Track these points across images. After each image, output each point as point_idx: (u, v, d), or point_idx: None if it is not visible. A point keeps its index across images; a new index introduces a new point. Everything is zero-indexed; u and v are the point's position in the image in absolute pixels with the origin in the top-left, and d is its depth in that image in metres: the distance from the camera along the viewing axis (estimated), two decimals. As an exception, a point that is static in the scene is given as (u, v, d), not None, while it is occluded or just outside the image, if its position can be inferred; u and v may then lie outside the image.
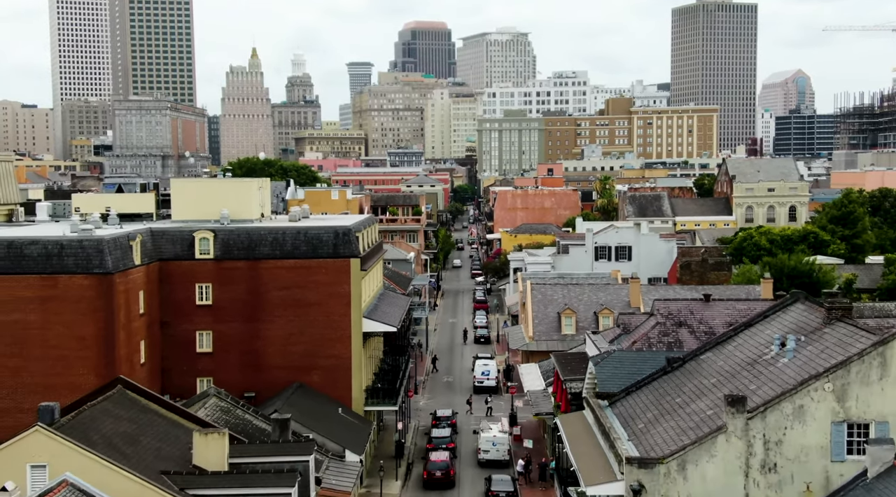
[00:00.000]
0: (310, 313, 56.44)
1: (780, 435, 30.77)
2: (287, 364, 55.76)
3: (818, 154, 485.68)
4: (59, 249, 48.87)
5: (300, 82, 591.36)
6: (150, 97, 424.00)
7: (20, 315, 48.23)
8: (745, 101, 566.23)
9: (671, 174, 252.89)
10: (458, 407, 74.32)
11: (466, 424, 70.51)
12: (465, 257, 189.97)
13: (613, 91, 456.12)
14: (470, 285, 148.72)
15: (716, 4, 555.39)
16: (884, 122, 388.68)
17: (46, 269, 48.66)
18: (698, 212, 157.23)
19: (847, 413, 30.72)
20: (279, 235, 57.00)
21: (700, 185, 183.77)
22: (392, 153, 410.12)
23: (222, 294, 56.06)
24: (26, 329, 48.27)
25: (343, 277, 56.94)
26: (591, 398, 41.18)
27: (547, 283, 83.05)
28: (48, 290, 48.67)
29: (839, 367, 30.83)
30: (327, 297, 56.69)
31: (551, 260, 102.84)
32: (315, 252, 56.96)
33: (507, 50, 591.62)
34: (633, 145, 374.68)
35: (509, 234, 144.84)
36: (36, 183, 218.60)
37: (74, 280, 48.66)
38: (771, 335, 37.45)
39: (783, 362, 34.06)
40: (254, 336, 56.05)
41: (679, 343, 46.53)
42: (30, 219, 65.92)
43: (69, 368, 48.24)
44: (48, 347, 48.30)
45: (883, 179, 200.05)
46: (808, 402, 30.80)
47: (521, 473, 57.04)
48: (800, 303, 39.69)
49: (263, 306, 56.27)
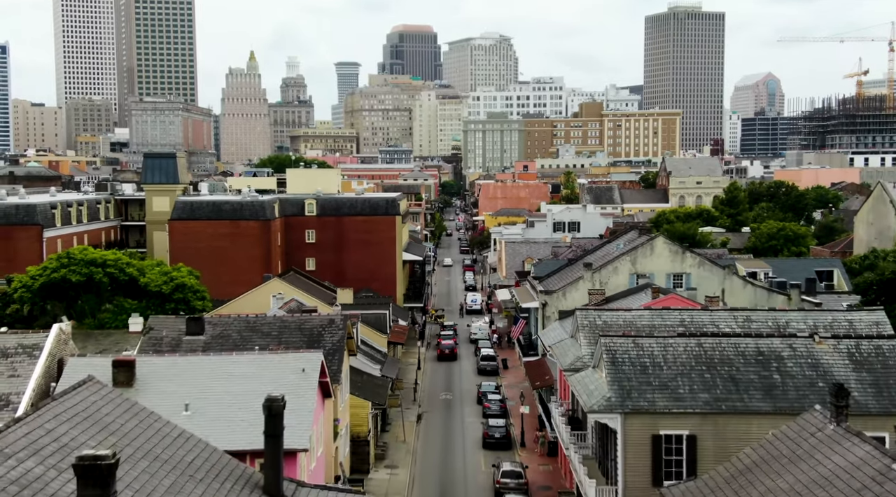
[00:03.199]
0: (372, 248, 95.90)
1: (607, 279, 70.16)
2: (359, 277, 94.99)
3: (780, 154, 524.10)
4: (241, 207, 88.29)
5: (294, 83, 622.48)
6: (163, 99, 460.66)
7: (220, 242, 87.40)
8: (713, 103, 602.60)
9: (634, 171, 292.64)
10: (453, 320, 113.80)
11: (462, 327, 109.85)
12: (454, 241, 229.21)
13: (588, 94, 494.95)
14: (460, 258, 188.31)
15: (686, 13, 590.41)
16: (831, 126, 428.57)
17: (233, 218, 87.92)
18: (642, 200, 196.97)
19: (636, 269, 70.21)
20: (354, 202, 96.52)
21: (645, 179, 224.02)
22: (383, 151, 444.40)
23: (321, 236, 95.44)
24: (224, 250, 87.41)
25: (391, 227, 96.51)
26: (531, 280, 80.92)
27: (516, 242, 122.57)
28: (234, 229, 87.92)
29: (633, 249, 70.51)
30: (382, 239, 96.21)
31: (521, 230, 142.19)
32: (374, 212, 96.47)
33: (490, 54, 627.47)
34: (604, 145, 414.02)
35: (491, 216, 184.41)
36: (77, 175, 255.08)
37: (249, 224, 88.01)
38: (620, 244, 77.16)
39: (617, 249, 73.87)
40: (339, 261, 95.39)
41: (580, 256, 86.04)
42: (196, 193, 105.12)
43: (245, 271, 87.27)
44: (236, 260, 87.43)
45: (816, 176, 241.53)
46: (620, 265, 70.35)
47: (495, 343, 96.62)
48: (660, 238, 78.94)
49: (344, 243, 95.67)
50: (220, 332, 49.39)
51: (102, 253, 59.28)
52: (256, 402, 27.58)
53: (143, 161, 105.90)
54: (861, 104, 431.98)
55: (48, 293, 57.39)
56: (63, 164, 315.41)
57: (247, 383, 36.76)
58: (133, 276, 58.73)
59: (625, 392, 38.08)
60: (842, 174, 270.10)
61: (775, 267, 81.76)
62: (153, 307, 57.73)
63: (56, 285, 56.90)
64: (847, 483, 23.39)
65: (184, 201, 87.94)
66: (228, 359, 39.31)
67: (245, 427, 33.11)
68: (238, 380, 37.13)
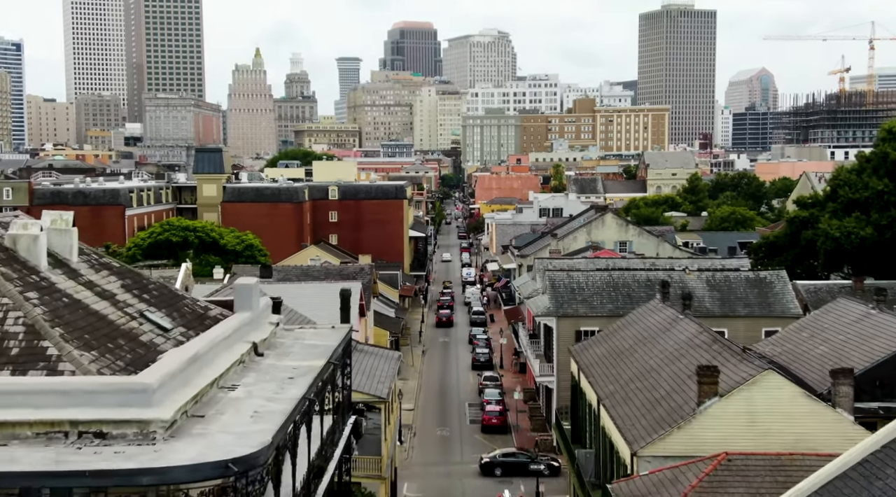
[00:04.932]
0: (383, 226, 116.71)
1: (569, 245, 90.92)
2: (373, 250, 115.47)
3: (769, 148, 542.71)
4: (278, 192, 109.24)
5: (298, 79, 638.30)
6: (175, 95, 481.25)
7: (262, 220, 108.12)
8: (704, 98, 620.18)
9: (623, 164, 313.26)
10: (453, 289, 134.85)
11: (460, 295, 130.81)
12: (453, 228, 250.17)
13: (582, 90, 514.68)
14: (458, 242, 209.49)
15: (679, 11, 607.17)
16: (814, 121, 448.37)
17: (272, 200, 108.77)
18: (622, 190, 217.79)
19: (590, 237, 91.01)
20: (368, 188, 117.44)
21: (628, 171, 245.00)
22: (385, 145, 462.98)
23: (342, 216, 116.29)
24: (265, 227, 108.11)
25: (399, 209, 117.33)
26: (512, 248, 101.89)
27: (505, 224, 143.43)
28: (273, 210, 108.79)
29: (589, 223, 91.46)
30: (392, 219, 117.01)
31: (511, 216, 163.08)
32: (385, 196, 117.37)
33: (488, 51, 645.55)
34: (597, 140, 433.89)
35: (486, 204, 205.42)
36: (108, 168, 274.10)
37: (285, 206, 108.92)
38: (581, 220, 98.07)
39: (578, 223, 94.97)
40: (357, 236, 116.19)
41: (552, 230, 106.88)
42: (237, 181, 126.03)
43: (283, 244, 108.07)
44: (274, 235, 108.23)
45: (793, 168, 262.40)
46: (578, 234, 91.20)
47: (485, 304, 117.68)
48: (609, 214, 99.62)
49: (361, 222, 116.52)
50: (283, 276, 70.20)
51: (192, 221, 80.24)
52: (326, 307, 48.65)
53: (195, 155, 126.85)
54: (843, 100, 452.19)
55: (153, 251, 77.90)
56: (88, 157, 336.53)
57: (314, 299, 57.52)
58: (215, 239, 79.39)
59: (559, 304, 59.08)
60: (817, 166, 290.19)
61: (706, 238, 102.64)
62: (230, 262, 78.18)
63: (160, 244, 77.52)
64: (677, 343, 44.38)
65: (233, 187, 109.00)
66: (299, 285, 60.21)
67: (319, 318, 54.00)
68: (307, 297, 57.89)
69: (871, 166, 77.65)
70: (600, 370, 43.18)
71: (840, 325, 43.88)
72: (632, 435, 33.82)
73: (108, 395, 15.18)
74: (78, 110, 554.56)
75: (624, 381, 39.84)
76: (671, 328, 43.08)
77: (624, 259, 69.21)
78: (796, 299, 58.75)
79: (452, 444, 62.30)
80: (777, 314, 57.07)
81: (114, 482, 13.80)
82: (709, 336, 39.22)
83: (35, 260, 19.62)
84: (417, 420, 67.23)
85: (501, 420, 64.02)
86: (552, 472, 54.11)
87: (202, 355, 17.95)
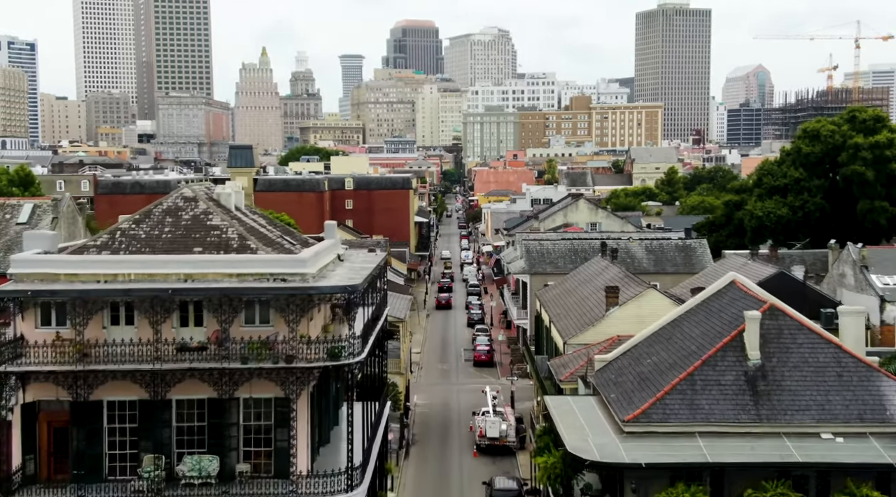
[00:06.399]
0: (392, 213, 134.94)
1: (548, 226, 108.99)
2: (384, 233, 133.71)
3: (761, 143, 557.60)
4: (303, 183, 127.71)
5: (303, 77, 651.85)
6: (186, 94, 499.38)
7: (288, 207, 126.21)
8: (699, 95, 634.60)
9: (615, 158, 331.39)
10: (454, 270, 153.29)
11: (458, 275, 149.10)
12: (454, 220, 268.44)
13: (579, 88, 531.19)
14: (457, 231, 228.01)
15: (674, 10, 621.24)
16: (802, 117, 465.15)
17: (298, 190, 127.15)
18: (610, 183, 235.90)
19: (566, 219, 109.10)
20: (381, 179, 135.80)
21: (615, 165, 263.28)
22: (388, 141, 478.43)
23: (356, 204, 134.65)
24: (291, 213, 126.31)
25: (406, 198, 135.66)
26: (502, 230, 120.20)
27: (499, 212, 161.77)
28: (298, 198, 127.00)
29: (566, 207, 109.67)
30: (399, 206, 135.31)
31: (505, 206, 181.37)
32: (394, 186, 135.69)
33: (489, 49, 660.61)
34: (592, 136, 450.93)
35: (484, 196, 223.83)
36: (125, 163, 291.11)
37: (308, 195, 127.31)
38: (559, 205, 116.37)
39: (557, 208, 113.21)
40: (370, 221, 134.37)
41: (536, 214, 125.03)
42: (265, 173, 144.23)
43: (306, 229, 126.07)
44: (299, 220, 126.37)
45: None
46: (556, 216, 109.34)
47: (481, 279, 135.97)
48: (582, 199, 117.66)
49: (373, 209, 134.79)
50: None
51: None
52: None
53: (229, 151, 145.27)
54: (831, 97, 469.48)
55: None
56: (109, 153, 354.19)
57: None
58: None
59: (532, 264, 77.43)
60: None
61: (668, 221, 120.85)
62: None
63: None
64: (603, 280, 62.78)
65: (264, 179, 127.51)
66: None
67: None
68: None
69: (791, 159, 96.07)
70: (553, 302, 61.58)
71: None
72: (565, 332, 52.21)
73: (288, 263, 33.45)
74: (88, 108, 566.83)
75: (567, 307, 58.26)
76: (603, 272, 61.46)
77: (587, 233, 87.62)
78: (713, 260, 77.04)
79: (450, 373, 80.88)
80: (696, 271, 75.35)
81: (299, 293, 32.19)
82: (622, 272, 57.61)
83: (228, 206, 37.87)
84: (424, 359, 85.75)
85: (489, 357, 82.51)
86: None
87: (321, 251, 36.29)
